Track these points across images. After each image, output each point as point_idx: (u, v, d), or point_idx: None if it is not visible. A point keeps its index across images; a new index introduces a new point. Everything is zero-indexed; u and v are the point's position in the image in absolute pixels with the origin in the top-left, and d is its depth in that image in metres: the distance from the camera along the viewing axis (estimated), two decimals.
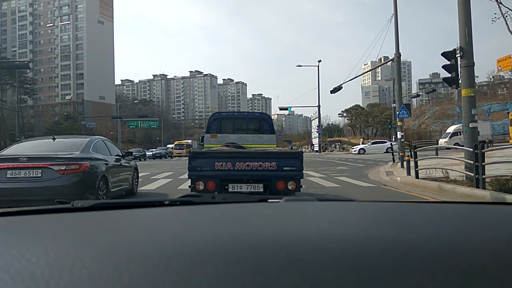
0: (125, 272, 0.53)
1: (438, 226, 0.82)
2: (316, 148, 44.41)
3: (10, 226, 0.92)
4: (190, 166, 5.94)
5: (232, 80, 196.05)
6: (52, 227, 0.89)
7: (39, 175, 5.74)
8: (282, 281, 0.51)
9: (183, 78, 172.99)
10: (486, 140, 30.81)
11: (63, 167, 5.81)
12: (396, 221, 0.89)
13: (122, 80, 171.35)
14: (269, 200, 1.25)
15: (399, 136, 16.33)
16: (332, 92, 22.84)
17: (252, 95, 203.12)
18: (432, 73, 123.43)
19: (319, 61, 40.21)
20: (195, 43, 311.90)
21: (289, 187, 5.74)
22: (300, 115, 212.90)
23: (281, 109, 40.48)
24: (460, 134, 34.98)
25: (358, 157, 29.24)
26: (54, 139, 7.09)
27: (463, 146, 22.55)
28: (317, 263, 0.55)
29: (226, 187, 5.89)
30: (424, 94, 56.77)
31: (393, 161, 16.20)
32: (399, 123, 16.20)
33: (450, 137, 36.29)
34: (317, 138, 43.11)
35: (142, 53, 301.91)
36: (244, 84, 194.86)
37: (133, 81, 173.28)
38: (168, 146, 53.90)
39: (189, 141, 53.88)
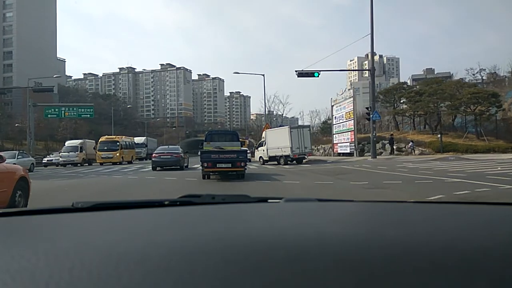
0: (125, 272, 0.52)
1: (438, 226, 0.81)
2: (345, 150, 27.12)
3: (10, 226, 0.92)
4: (201, 157, 13.30)
5: (208, 76, 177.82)
6: (52, 227, 0.89)
7: (170, 157, 21.19)
8: (282, 281, 0.51)
9: (153, 71, 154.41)
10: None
11: (176, 154, 21.51)
12: (396, 221, 0.89)
13: (84, 74, 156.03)
14: (269, 201, 1.28)
15: None
16: None
17: (230, 92, 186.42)
18: (426, 69, 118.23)
19: None
20: (171, 42, 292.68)
21: (242, 164, 12.95)
22: (280, 114, 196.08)
23: (300, 75, 22.55)
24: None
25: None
26: (168, 146, 24.81)
27: (289, 159, 23.15)
28: (317, 263, 0.55)
29: (216, 165, 12.84)
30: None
31: None
32: None
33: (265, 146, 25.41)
34: (371, 133, 23.62)
35: (112, 51, 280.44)
36: (221, 80, 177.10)
37: (97, 75, 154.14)
38: (76, 141, 34.05)
39: (143, 138, 34.78)
